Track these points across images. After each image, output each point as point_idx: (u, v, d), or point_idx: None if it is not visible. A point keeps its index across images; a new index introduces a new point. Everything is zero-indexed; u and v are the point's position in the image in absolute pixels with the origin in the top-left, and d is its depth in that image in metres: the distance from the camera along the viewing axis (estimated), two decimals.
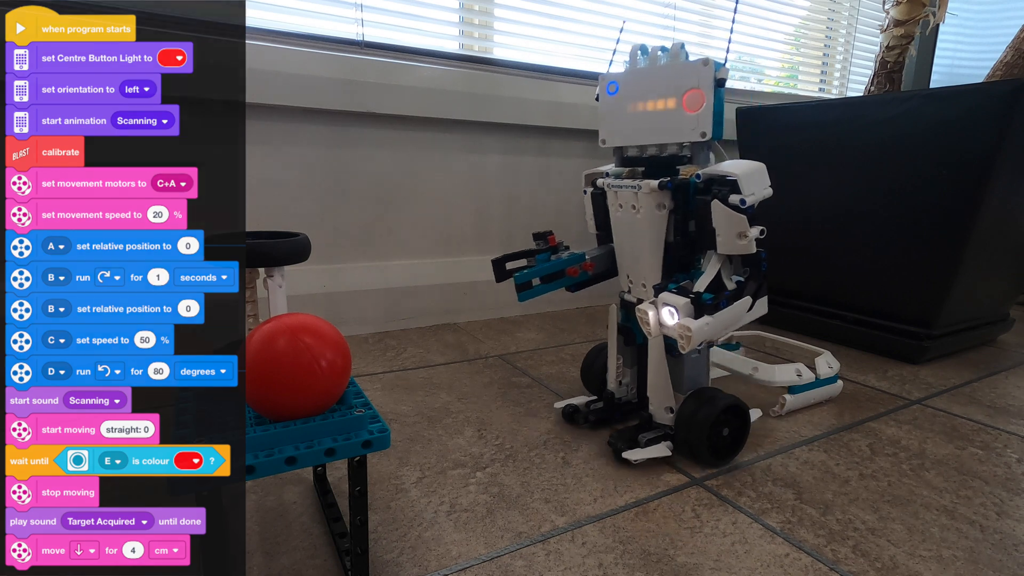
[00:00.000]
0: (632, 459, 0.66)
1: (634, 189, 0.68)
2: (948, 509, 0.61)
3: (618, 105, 0.71)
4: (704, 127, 0.62)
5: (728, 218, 0.60)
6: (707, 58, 0.61)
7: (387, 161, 1.23)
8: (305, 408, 0.43)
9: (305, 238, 0.56)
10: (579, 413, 0.78)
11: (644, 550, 0.54)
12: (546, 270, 0.74)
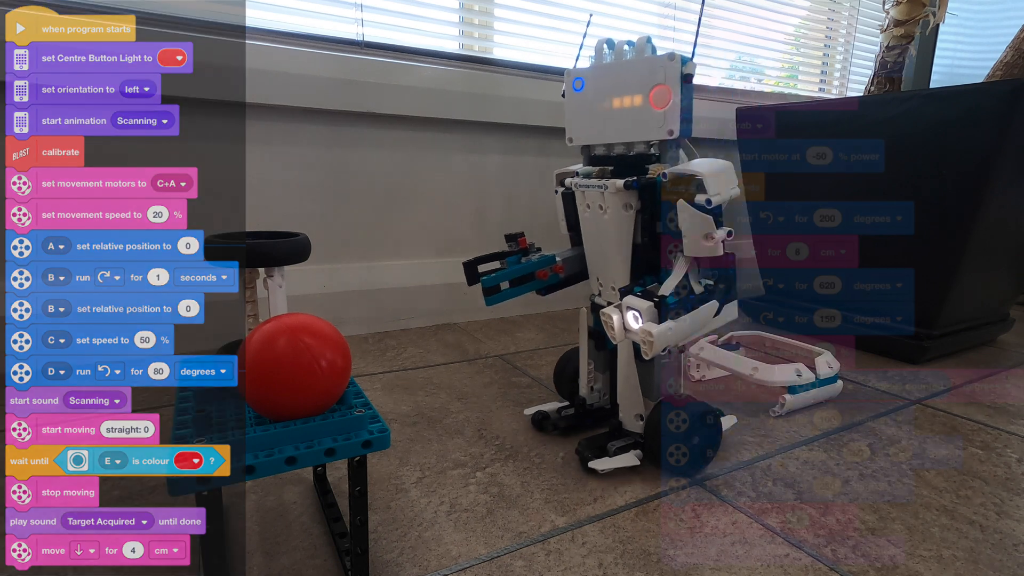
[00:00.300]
0: (599, 469, 0.64)
1: (600, 189, 0.65)
2: (948, 509, 0.61)
3: (584, 102, 0.69)
4: (671, 124, 0.60)
5: (694, 218, 0.58)
6: (673, 52, 0.59)
7: (387, 161, 1.23)
8: (305, 408, 0.43)
9: (305, 238, 0.56)
10: (548, 420, 0.76)
11: (644, 550, 0.54)
12: (515, 273, 0.71)
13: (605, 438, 0.69)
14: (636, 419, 0.69)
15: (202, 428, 0.42)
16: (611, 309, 0.59)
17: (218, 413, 0.47)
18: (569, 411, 0.77)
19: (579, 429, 0.76)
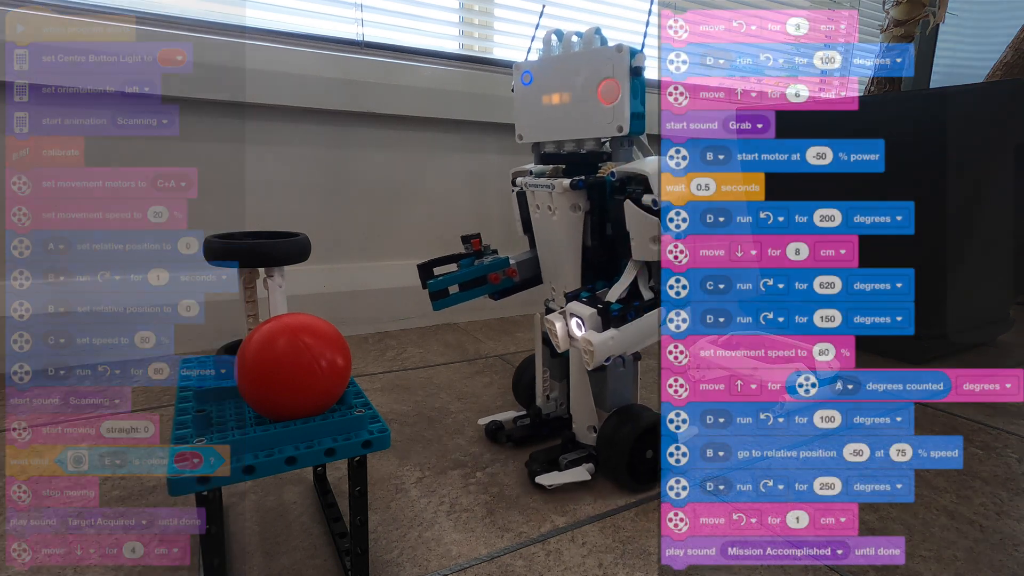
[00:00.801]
0: (546, 484, 0.61)
1: (548, 189, 0.62)
2: (948, 509, 0.61)
3: (533, 97, 0.65)
4: (620, 120, 0.56)
5: (640, 220, 0.55)
6: (621, 43, 0.56)
7: (387, 161, 1.23)
8: (305, 408, 0.43)
9: (305, 238, 0.56)
10: (502, 431, 0.72)
11: (644, 550, 0.54)
12: (464, 276, 0.68)
13: (558, 451, 0.66)
14: (589, 431, 0.66)
15: (202, 428, 0.42)
16: (554, 316, 0.57)
17: (218, 413, 0.47)
18: (525, 421, 0.73)
19: (535, 440, 0.72)
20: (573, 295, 0.59)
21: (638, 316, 0.55)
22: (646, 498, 0.62)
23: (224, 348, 0.55)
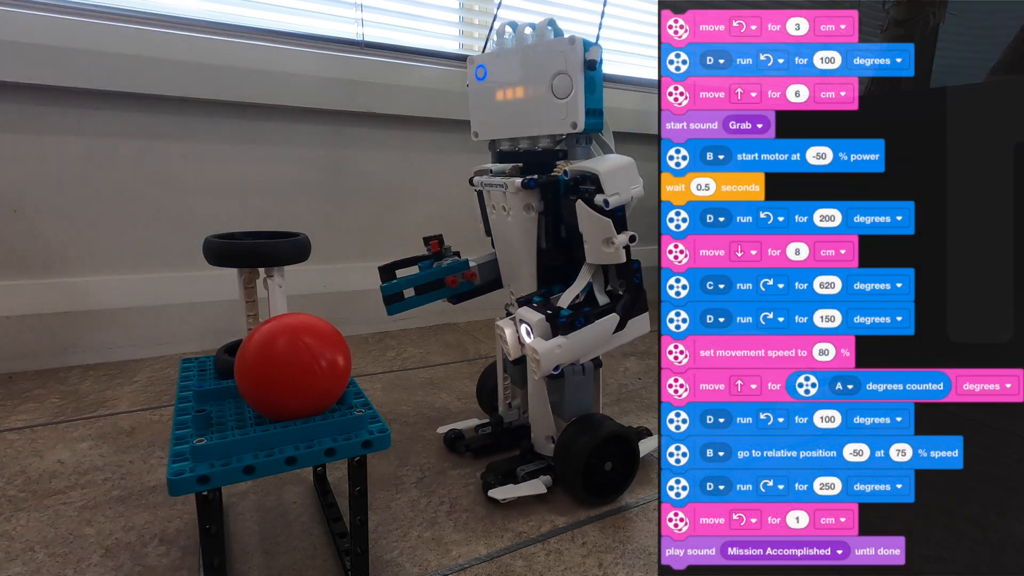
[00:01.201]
0: (499, 499, 0.58)
1: (502, 188, 0.60)
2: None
3: (488, 92, 0.62)
4: (574, 117, 0.54)
5: (593, 221, 0.53)
6: (573, 36, 0.53)
7: (387, 161, 1.23)
8: (305, 408, 0.43)
9: (305, 238, 0.56)
10: (461, 440, 0.69)
11: (644, 550, 0.54)
12: (420, 280, 0.65)
13: (516, 461, 0.63)
14: (547, 441, 0.63)
15: (202, 428, 0.42)
16: (505, 322, 0.56)
17: (218, 413, 0.47)
18: (487, 429, 0.71)
19: (496, 449, 0.69)
20: (525, 300, 0.57)
21: (588, 323, 0.53)
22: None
23: (224, 348, 0.55)
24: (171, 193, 1.04)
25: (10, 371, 0.94)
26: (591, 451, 0.58)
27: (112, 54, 0.93)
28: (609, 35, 1.51)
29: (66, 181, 0.96)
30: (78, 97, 0.95)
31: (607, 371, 1.02)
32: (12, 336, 0.94)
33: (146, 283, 1.04)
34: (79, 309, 0.98)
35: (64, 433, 0.74)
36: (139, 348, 1.03)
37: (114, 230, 1.01)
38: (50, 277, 0.98)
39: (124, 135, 0.99)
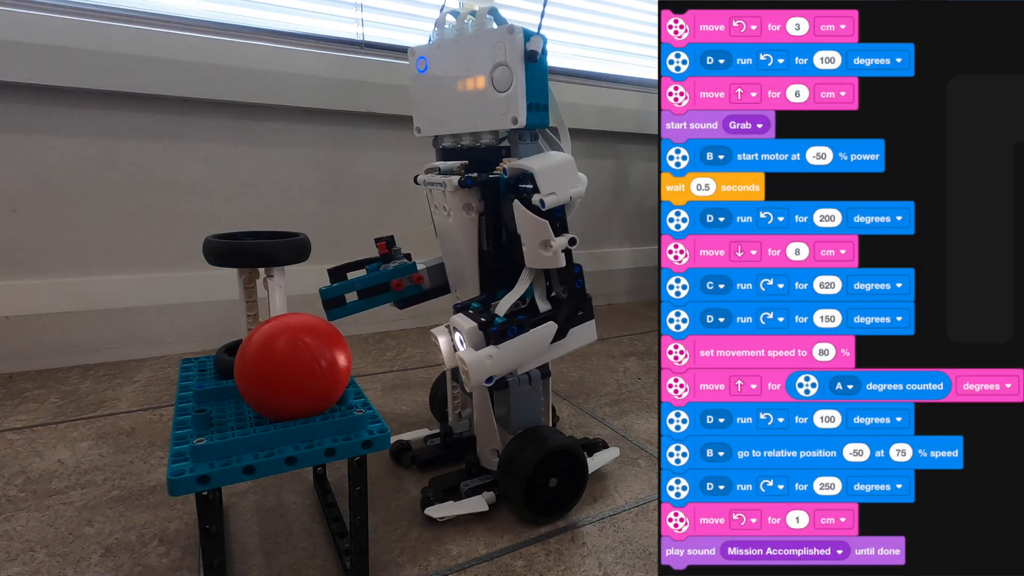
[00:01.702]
0: (435, 517, 0.55)
1: (441, 188, 0.57)
2: None
3: (429, 85, 0.59)
4: (515, 111, 0.50)
5: (530, 223, 0.50)
6: (512, 25, 0.50)
7: (387, 161, 1.23)
8: (305, 408, 0.43)
9: (305, 238, 0.56)
10: (407, 452, 0.66)
11: (644, 550, 0.54)
12: (363, 283, 0.62)
13: (461, 476, 0.60)
14: (492, 455, 0.60)
15: (202, 428, 0.42)
16: (439, 329, 0.53)
17: (218, 413, 0.47)
18: (436, 440, 0.68)
19: (445, 462, 0.66)
20: (462, 306, 0.54)
21: (522, 332, 0.50)
22: (646, 498, 0.61)
23: (224, 348, 0.55)
24: (171, 193, 1.04)
25: (10, 371, 0.94)
26: (535, 466, 0.55)
27: (112, 54, 0.93)
28: (609, 35, 1.51)
29: (66, 181, 0.96)
30: (78, 97, 0.95)
31: (607, 371, 1.02)
32: (12, 336, 0.94)
33: (146, 283, 1.04)
34: (79, 309, 0.98)
35: (64, 433, 0.74)
36: (139, 348, 1.03)
37: (114, 230, 1.01)
38: (50, 277, 0.98)
39: (124, 135, 0.99)
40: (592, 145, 1.49)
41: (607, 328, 1.33)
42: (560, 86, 1.40)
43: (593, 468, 0.63)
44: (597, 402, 0.88)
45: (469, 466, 0.62)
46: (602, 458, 0.66)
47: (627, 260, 1.62)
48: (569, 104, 1.40)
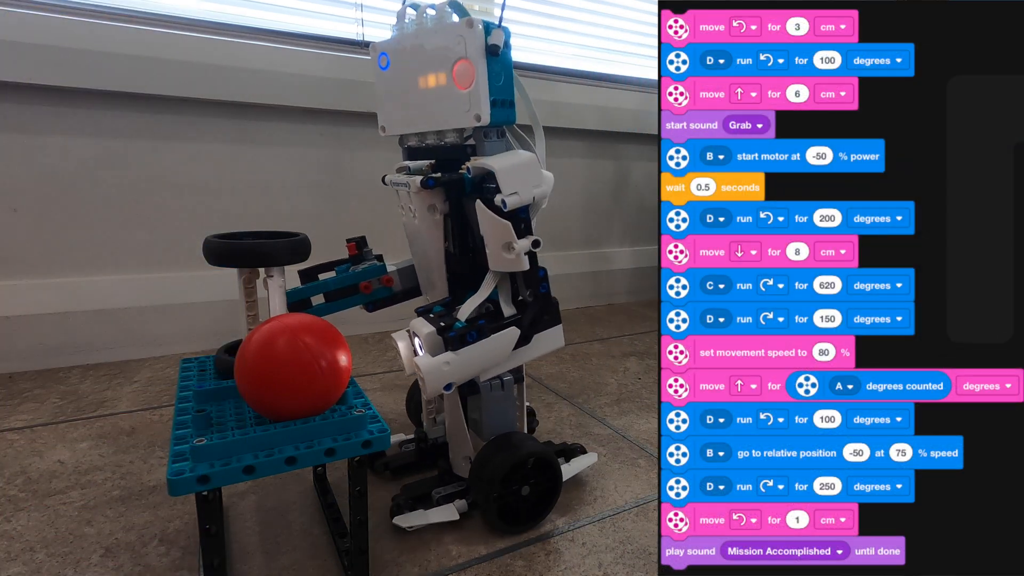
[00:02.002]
0: (404, 526, 0.53)
1: (406, 188, 0.55)
2: None
3: (392, 83, 0.56)
4: (477, 108, 0.49)
5: (493, 224, 0.49)
6: (471, 18, 0.48)
7: (387, 161, 1.23)
8: (305, 408, 0.43)
9: (305, 238, 0.56)
10: (380, 459, 0.63)
11: (644, 550, 0.54)
12: (329, 285, 0.60)
13: (434, 483, 0.59)
14: (465, 462, 0.58)
15: (202, 428, 0.42)
16: (399, 334, 0.52)
17: (218, 413, 0.47)
18: (411, 446, 0.66)
19: (418, 468, 0.64)
20: (424, 310, 0.53)
21: (482, 337, 0.49)
22: (646, 498, 0.61)
23: (224, 348, 0.55)
24: (171, 193, 1.04)
25: (10, 371, 0.94)
26: (506, 473, 0.53)
27: (112, 54, 0.93)
28: (609, 35, 1.51)
29: (66, 181, 0.96)
30: (79, 97, 0.95)
31: (607, 371, 1.02)
32: (12, 336, 0.94)
33: (146, 283, 1.04)
34: (79, 309, 0.98)
35: (64, 433, 0.74)
36: (139, 348, 1.03)
37: (114, 230, 1.01)
38: (50, 277, 0.98)
39: (125, 135, 0.99)
40: (592, 145, 1.49)
41: (607, 328, 1.33)
42: (560, 86, 1.40)
43: (569, 475, 0.61)
44: (597, 402, 0.88)
45: (442, 473, 0.60)
46: (579, 464, 0.64)
47: (627, 260, 1.62)
48: (569, 104, 1.40)
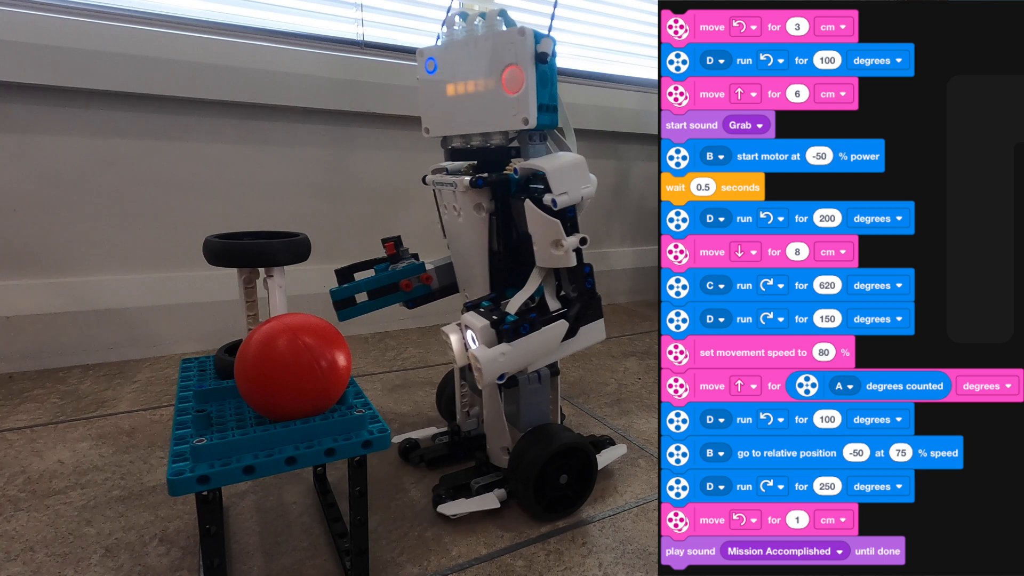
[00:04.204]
0: (449, 514, 0.56)
1: (452, 187, 0.57)
2: None
3: (438, 87, 0.60)
4: (525, 112, 0.51)
5: (541, 222, 0.51)
6: (523, 27, 0.51)
7: (387, 161, 1.23)
8: (305, 408, 0.43)
9: (305, 238, 0.56)
10: (415, 451, 0.66)
11: (644, 550, 0.54)
12: (372, 284, 0.62)
13: (471, 474, 0.61)
14: (503, 452, 0.61)
15: (202, 428, 0.42)
16: (451, 327, 0.53)
17: (218, 413, 0.47)
18: (444, 439, 0.68)
19: (452, 460, 0.67)
20: (473, 304, 0.55)
21: (534, 330, 0.51)
22: (647, 498, 0.61)
23: (224, 348, 0.55)
24: (171, 193, 1.04)
25: (10, 371, 0.94)
26: (544, 463, 0.55)
27: (112, 54, 0.93)
28: (609, 35, 1.51)
29: (66, 181, 0.96)
30: (78, 97, 0.95)
31: (607, 371, 1.02)
32: (12, 336, 0.94)
33: (146, 283, 1.04)
34: (79, 309, 0.98)
35: (64, 433, 0.74)
36: (139, 348, 1.03)
37: (114, 230, 1.01)
38: (50, 277, 0.98)
39: (124, 135, 0.99)
40: (592, 145, 1.49)
41: (607, 328, 1.33)
42: (561, 86, 1.40)
43: (601, 465, 0.63)
44: (597, 402, 0.88)
45: (479, 464, 0.62)
46: (610, 455, 0.66)
47: (627, 260, 1.62)
48: (570, 104, 1.40)
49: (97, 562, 0.50)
